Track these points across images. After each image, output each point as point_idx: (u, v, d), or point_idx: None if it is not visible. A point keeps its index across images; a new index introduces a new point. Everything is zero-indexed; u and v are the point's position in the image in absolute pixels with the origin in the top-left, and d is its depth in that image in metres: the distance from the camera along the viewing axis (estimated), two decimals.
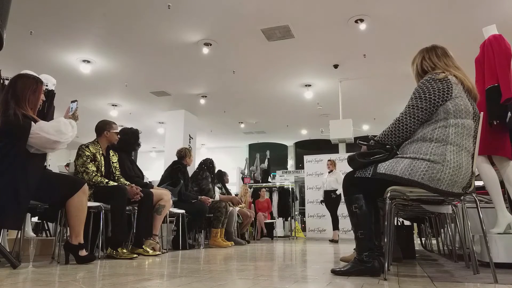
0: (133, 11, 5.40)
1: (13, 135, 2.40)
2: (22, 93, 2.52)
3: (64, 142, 2.48)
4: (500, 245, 2.43)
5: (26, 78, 2.62)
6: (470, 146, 1.97)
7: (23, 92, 2.53)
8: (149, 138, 12.69)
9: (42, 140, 2.42)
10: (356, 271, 2.02)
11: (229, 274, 2.11)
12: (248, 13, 5.46)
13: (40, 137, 2.41)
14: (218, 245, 4.93)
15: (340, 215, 7.42)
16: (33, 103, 2.58)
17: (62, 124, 2.51)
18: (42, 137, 2.41)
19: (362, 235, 2.03)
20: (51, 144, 2.45)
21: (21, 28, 5.70)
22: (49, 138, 2.42)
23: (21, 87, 2.54)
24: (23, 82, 2.57)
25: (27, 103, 2.53)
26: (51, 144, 2.45)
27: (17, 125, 2.38)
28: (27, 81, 2.59)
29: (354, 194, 2.07)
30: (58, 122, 2.52)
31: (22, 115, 2.42)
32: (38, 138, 2.41)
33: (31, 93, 2.56)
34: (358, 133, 9.47)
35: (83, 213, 2.66)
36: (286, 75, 7.75)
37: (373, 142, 2.13)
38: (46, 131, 2.42)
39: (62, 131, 2.48)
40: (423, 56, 2.21)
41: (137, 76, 7.79)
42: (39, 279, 1.90)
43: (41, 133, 2.41)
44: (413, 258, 3.34)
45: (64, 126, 2.51)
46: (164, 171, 5.06)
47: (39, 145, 2.44)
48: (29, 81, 2.60)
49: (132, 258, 3.10)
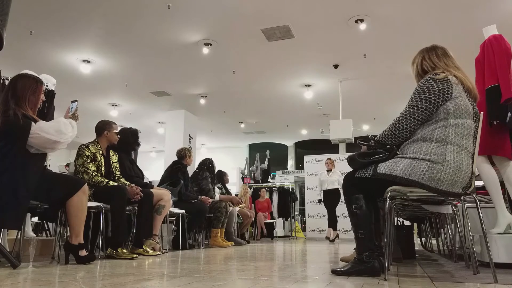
0: (133, 11, 5.41)
1: (13, 135, 2.40)
2: (22, 93, 2.52)
3: (64, 142, 2.48)
4: (500, 245, 2.43)
5: (26, 78, 2.61)
6: (470, 146, 1.97)
7: (23, 92, 2.52)
8: (149, 138, 12.69)
9: (42, 140, 2.42)
10: (356, 271, 2.03)
11: (229, 274, 2.11)
12: (248, 13, 5.46)
13: (40, 137, 2.41)
14: (218, 245, 4.93)
15: (340, 215, 7.42)
16: (33, 103, 2.58)
17: (62, 124, 2.51)
18: (42, 137, 2.41)
19: (362, 235, 2.03)
20: (51, 144, 2.45)
21: (21, 28, 5.71)
22: (49, 138, 2.42)
23: (21, 87, 2.54)
24: (23, 82, 2.57)
25: (27, 103, 2.53)
26: (51, 144, 2.45)
27: (17, 125, 2.38)
28: (27, 81, 2.59)
29: (354, 194, 2.07)
30: (58, 122, 2.51)
31: (22, 115, 2.42)
32: (38, 138, 2.41)
33: (31, 93, 2.56)
34: (358, 133, 9.48)
35: (83, 213, 2.66)
36: (286, 75, 7.75)
37: (373, 142, 2.13)
38: (46, 131, 2.42)
39: (62, 131, 2.48)
40: (423, 56, 2.21)
41: (137, 76, 7.79)
42: (39, 279, 1.90)
43: (41, 133, 2.41)
44: (413, 258, 3.34)
45: (64, 126, 2.51)
46: (164, 171, 5.06)
47: (39, 145, 2.44)
48: (29, 81, 2.60)
49: (132, 258, 3.10)
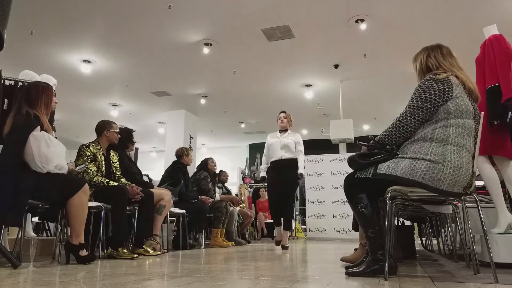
0: (133, 11, 5.41)
1: (20, 130, 2.46)
2: (35, 96, 2.65)
3: (43, 168, 2.47)
4: (501, 245, 2.42)
5: (38, 84, 2.79)
6: (471, 146, 1.97)
7: (36, 95, 2.65)
8: (149, 138, 12.69)
9: (28, 151, 2.43)
10: (371, 271, 1.98)
11: (229, 274, 2.11)
12: (248, 13, 5.46)
13: (29, 146, 2.43)
14: (219, 245, 4.93)
15: (340, 215, 7.41)
16: (46, 105, 2.69)
17: (54, 154, 2.52)
18: (32, 148, 2.43)
19: (373, 234, 2.00)
20: (32, 160, 2.44)
21: (21, 28, 5.71)
22: (34, 154, 2.43)
23: (35, 91, 2.67)
24: (36, 88, 2.71)
25: (41, 106, 2.65)
26: (32, 159, 2.44)
27: (25, 120, 2.47)
28: (39, 86, 2.75)
29: (357, 195, 2.05)
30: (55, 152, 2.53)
31: (34, 115, 2.52)
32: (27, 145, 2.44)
33: (45, 96, 2.69)
34: (358, 133, 9.46)
35: (83, 213, 2.66)
36: (286, 75, 7.74)
37: (373, 142, 2.13)
38: (37, 145, 2.44)
39: (50, 158, 2.49)
40: (428, 53, 2.19)
41: (138, 76, 7.80)
42: (39, 279, 1.90)
43: (33, 143, 2.43)
44: (413, 258, 3.33)
45: (56, 156, 2.53)
46: (165, 171, 5.07)
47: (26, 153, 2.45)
48: (41, 85, 2.76)
49: (132, 258, 3.11)
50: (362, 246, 2.78)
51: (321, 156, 8.82)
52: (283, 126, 4.65)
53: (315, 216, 8.43)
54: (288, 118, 4.68)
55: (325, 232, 8.15)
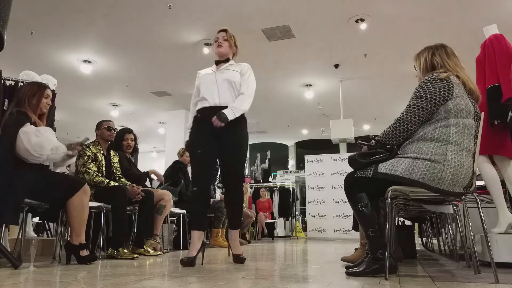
0: (133, 11, 5.41)
1: (9, 128, 2.48)
2: (22, 96, 2.67)
3: (38, 157, 2.51)
4: (501, 245, 2.42)
5: (28, 84, 2.81)
6: (471, 146, 1.97)
7: (23, 95, 2.67)
8: (150, 138, 12.69)
9: (20, 146, 2.47)
10: (372, 271, 1.98)
11: (229, 274, 2.11)
12: (248, 13, 5.46)
13: (21, 141, 2.46)
14: (219, 245, 4.93)
15: (341, 215, 7.41)
16: (33, 105, 2.67)
17: (46, 139, 2.54)
18: (23, 141, 2.46)
19: (373, 233, 2.00)
20: (25, 152, 2.48)
21: (22, 29, 5.71)
22: (26, 148, 2.47)
23: (22, 92, 2.70)
24: (24, 88, 2.74)
25: (28, 105, 2.64)
26: (24, 152, 2.48)
27: (12, 118, 2.52)
28: (28, 86, 2.76)
29: (357, 194, 2.05)
30: (46, 138, 2.55)
31: (19, 112, 2.56)
32: (19, 140, 2.46)
33: (31, 95, 2.68)
34: (359, 133, 9.47)
35: (84, 213, 2.67)
36: (286, 75, 7.74)
37: (373, 142, 2.12)
38: (28, 139, 2.46)
39: (44, 146, 2.51)
40: (432, 52, 2.17)
41: (138, 76, 7.80)
42: (40, 279, 1.90)
43: (23, 136, 2.46)
44: (414, 258, 3.33)
45: (48, 141, 2.54)
46: (165, 171, 5.07)
47: (18, 149, 2.47)
48: (30, 85, 2.77)
49: (133, 258, 3.11)
50: (363, 246, 2.78)
51: (322, 156, 8.82)
52: (221, 53, 2.95)
53: (316, 216, 8.43)
54: (230, 40, 2.97)
55: (326, 232, 8.16)
